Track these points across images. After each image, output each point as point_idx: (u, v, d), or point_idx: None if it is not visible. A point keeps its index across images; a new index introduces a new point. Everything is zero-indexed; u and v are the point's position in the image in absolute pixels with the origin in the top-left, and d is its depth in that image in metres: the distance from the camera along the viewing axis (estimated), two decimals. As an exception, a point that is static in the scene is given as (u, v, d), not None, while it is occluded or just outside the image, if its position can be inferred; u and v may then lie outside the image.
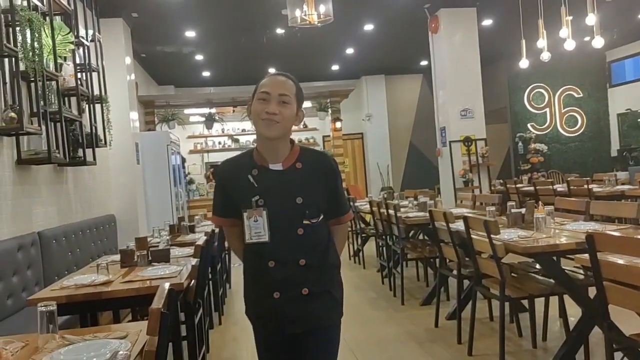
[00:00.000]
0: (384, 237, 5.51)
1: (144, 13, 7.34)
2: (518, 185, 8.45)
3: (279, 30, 8.69)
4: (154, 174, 7.72)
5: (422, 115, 12.78)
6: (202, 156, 12.69)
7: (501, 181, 9.53)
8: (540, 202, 3.72)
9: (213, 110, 10.24)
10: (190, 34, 8.54)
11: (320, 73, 12.08)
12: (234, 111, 10.49)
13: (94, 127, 5.53)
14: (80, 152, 5.15)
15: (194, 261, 2.98)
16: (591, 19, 6.42)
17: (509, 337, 3.74)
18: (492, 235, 3.05)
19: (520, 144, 12.02)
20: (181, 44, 9.19)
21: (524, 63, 7.44)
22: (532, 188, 7.70)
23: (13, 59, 3.75)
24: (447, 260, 4.14)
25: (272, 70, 11.65)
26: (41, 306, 1.68)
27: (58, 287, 2.80)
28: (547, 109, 12.33)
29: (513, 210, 3.70)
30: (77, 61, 5.39)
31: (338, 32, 9.08)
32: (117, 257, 3.53)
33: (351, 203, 6.47)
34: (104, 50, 6.17)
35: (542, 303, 3.68)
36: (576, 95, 12.34)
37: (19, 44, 3.79)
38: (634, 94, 11.47)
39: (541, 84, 12.28)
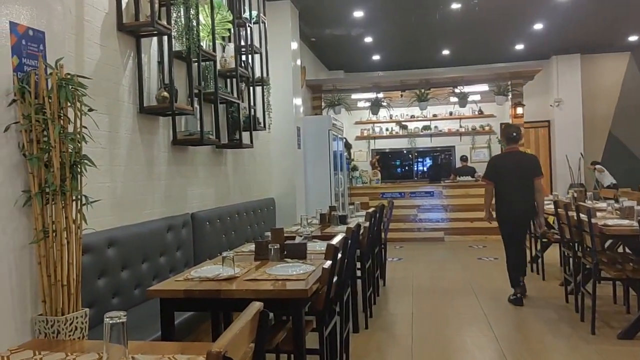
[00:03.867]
0: (571, 245, 4.51)
1: (313, -6, 7.13)
2: None
3: (454, 6, 7.83)
4: (315, 159, 7.55)
5: (627, 101, 10.79)
6: (369, 142, 12.37)
7: None
8: None
9: (380, 95, 9.77)
10: (358, 13, 8.15)
11: (501, 54, 10.81)
12: (402, 96, 9.87)
13: (252, 110, 5.44)
14: (237, 135, 5.09)
15: (327, 263, 2.53)
16: None
17: None
18: None
19: None
20: (349, 26, 8.87)
21: None
22: None
23: (167, 37, 3.69)
24: (663, 287, 3.11)
25: (445, 53, 10.82)
26: (108, 317, 1.36)
27: (182, 278, 2.57)
28: None
29: None
30: (241, 43, 5.35)
31: (525, 4, 7.90)
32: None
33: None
34: (269, 33, 6.08)
35: None
36: None
37: (172, 22, 3.72)
38: None
39: None
